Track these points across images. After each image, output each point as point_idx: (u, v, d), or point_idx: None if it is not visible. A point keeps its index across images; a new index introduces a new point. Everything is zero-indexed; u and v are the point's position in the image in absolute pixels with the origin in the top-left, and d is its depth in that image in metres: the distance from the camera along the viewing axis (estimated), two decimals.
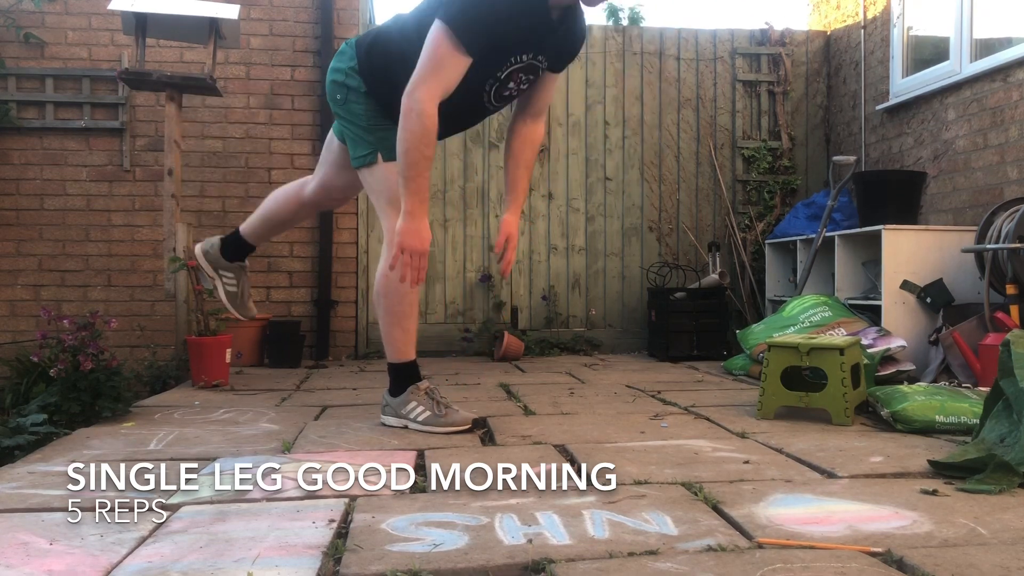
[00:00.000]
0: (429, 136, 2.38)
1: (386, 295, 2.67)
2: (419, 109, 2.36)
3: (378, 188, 2.67)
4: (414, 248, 2.46)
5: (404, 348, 2.73)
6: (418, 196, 2.44)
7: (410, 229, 2.45)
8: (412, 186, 2.43)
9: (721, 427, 2.71)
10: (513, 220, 2.68)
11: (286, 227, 3.36)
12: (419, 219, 2.45)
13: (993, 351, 3.04)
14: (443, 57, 2.37)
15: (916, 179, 4.46)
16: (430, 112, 2.37)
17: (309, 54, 5.24)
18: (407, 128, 2.38)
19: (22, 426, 2.65)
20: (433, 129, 2.39)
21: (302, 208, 3.10)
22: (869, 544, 1.51)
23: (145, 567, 1.43)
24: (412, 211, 2.44)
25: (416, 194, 2.43)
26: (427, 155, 2.40)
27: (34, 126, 5.05)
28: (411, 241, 2.45)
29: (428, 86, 2.37)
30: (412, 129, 2.38)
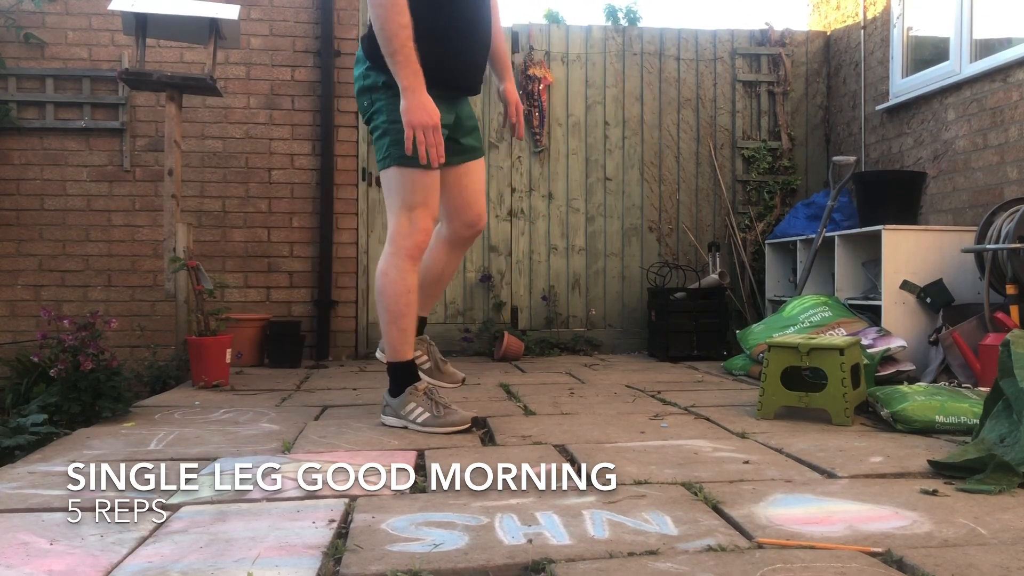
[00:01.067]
0: (399, 4, 2.41)
1: (384, 294, 2.68)
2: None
3: (394, 188, 2.68)
4: (424, 123, 2.44)
5: (401, 347, 2.73)
6: (409, 68, 2.43)
7: (413, 105, 2.44)
8: (399, 58, 2.42)
9: (721, 427, 2.71)
10: (511, 87, 2.80)
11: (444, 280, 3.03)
12: (419, 93, 2.44)
13: (993, 351, 3.04)
14: None
15: (916, 179, 4.46)
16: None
17: (309, 54, 5.24)
18: (374, 3, 2.42)
19: (22, 426, 2.65)
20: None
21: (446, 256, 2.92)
22: (869, 544, 1.51)
23: (145, 567, 1.43)
24: (410, 86, 2.43)
25: (407, 66, 2.43)
26: (402, 23, 2.41)
27: (34, 126, 5.05)
28: (419, 116, 2.44)
29: None
30: (378, 2, 2.42)
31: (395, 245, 2.66)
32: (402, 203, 2.65)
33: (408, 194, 2.65)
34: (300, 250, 5.24)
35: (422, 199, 2.66)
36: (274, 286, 5.21)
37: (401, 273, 2.65)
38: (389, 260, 2.66)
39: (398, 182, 2.65)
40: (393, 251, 2.66)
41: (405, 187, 2.64)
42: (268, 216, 5.20)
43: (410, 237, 2.65)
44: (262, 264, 5.20)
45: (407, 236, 2.65)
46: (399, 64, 2.43)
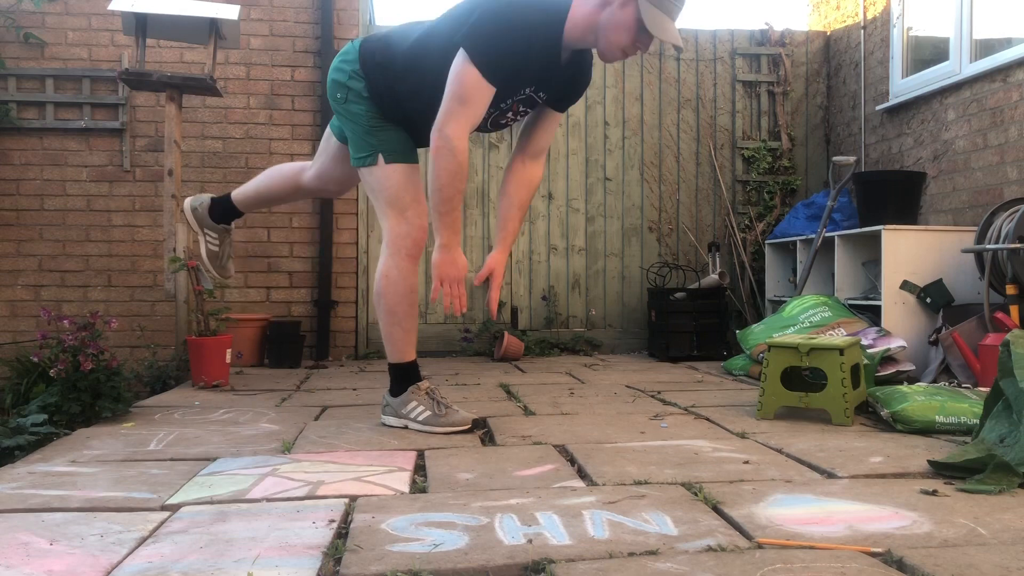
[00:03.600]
0: (462, 171, 2.44)
1: (386, 295, 2.67)
2: (451, 146, 2.41)
3: (378, 188, 2.67)
4: (452, 277, 2.53)
5: (404, 348, 2.73)
6: (451, 229, 2.51)
7: (446, 260, 2.52)
8: (447, 220, 2.49)
9: (721, 427, 2.71)
10: (501, 258, 2.69)
11: (277, 204, 3.42)
12: (454, 250, 2.53)
13: (993, 351, 3.04)
14: (470, 90, 2.40)
15: (916, 179, 4.46)
16: (462, 148, 2.41)
17: (309, 54, 5.24)
18: (441, 166, 2.42)
19: (22, 426, 2.65)
20: (465, 164, 2.44)
21: (297, 192, 3.15)
22: (869, 544, 1.51)
23: (145, 567, 1.42)
24: (447, 244, 2.51)
25: (450, 227, 2.51)
26: (460, 189, 2.46)
27: (34, 126, 5.05)
28: (448, 271, 2.53)
29: (457, 121, 2.41)
30: (446, 167, 2.42)
31: (394, 246, 2.65)
32: (393, 203, 2.64)
33: (397, 193, 2.64)
34: (300, 250, 5.24)
35: (412, 196, 2.66)
36: (274, 286, 5.21)
37: (403, 274, 2.65)
38: (389, 262, 2.66)
39: (387, 178, 2.64)
40: (392, 252, 2.66)
41: (393, 185, 2.63)
42: (268, 216, 5.20)
43: (408, 237, 2.65)
44: (262, 264, 5.20)
45: (405, 236, 2.65)
46: (444, 224, 2.50)
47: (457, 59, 2.41)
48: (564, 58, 2.52)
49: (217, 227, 3.29)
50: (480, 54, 2.37)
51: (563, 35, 2.46)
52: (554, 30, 2.44)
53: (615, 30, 2.41)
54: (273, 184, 3.14)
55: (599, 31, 2.43)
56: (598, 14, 2.41)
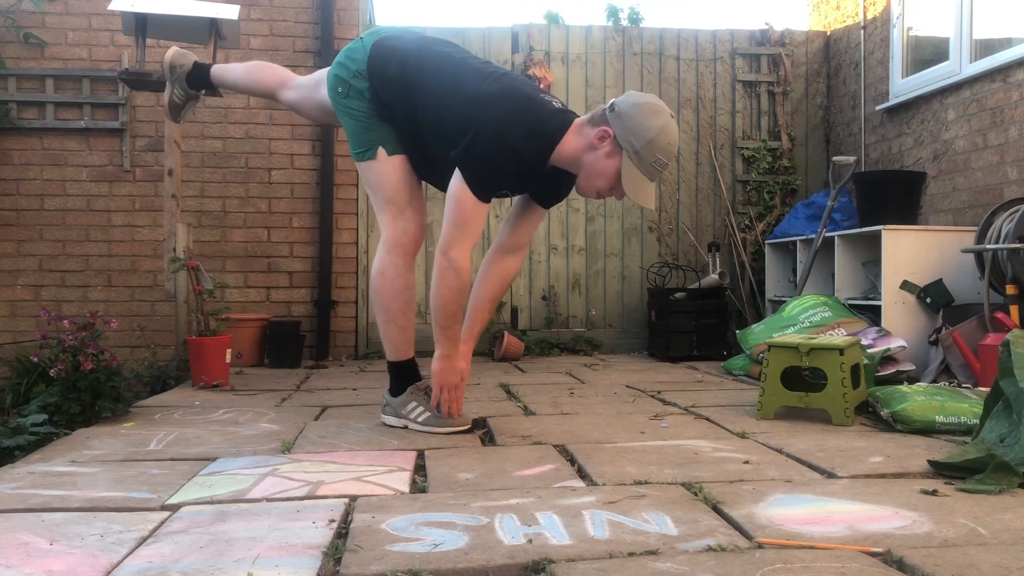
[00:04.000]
0: (466, 289, 2.56)
1: (380, 293, 2.67)
2: (456, 267, 2.50)
3: (376, 183, 2.67)
4: (451, 384, 2.65)
5: (401, 346, 2.73)
6: (453, 341, 2.63)
7: (446, 369, 2.64)
8: (449, 334, 2.61)
9: (721, 427, 2.71)
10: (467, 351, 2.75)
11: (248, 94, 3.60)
12: (454, 359, 2.65)
13: (993, 351, 3.04)
14: (468, 214, 2.50)
15: (916, 179, 4.46)
16: (465, 267, 2.52)
17: (309, 54, 5.24)
18: (445, 284, 2.52)
19: (22, 426, 2.65)
20: (468, 282, 2.56)
21: (270, 98, 3.18)
22: (869, 544, 1.51)
23: (145, 567, 1.42)
24: (448, 355, 2.64)
25: (452, 340, 2.62)
26: (463, 304, 2.58)
27: (34, 126, 5.05)
28: (448, 379, 2.65)
29: (460, 245, 2.51)
30: (450, 286, 2.52)
31: (390, 242, 2.66)
32: (391, 200, 2.65)
33: (396, 190, 2.64)
34: (300, 250, 5.24)
35: (409, 192, 2.67)
36: (274, 286, 5.21)
37: (398, 271, 2.65)
38: (386, 258, 2.66)
39: (385, 175, 2.64)
40: (388, 249, 2.66)
41: (392, 182, 2.63)
42: (268, 216, 5.20)
43: (406, 234, 2.66)
44: (262, 264, 5.20)
45: (403, 232, 2.66)
46: (446, 337, 2.61)
47: (454, 182, 2.50)
48: (549, 168, 2.59)
49: (188, 90, 3.29)
50: (475, 179, 2.47)
51: (552, 155, 2.53)
52: (544, 149, 2.52)
53: (596, 175, 2.49)
54: (252, 82, 3.16)
55: (581, 168, 2.51)
56: (584, 153, 2.49)
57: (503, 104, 2.45)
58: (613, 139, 2.43)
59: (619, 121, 2.43)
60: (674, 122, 2.47)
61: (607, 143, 2.44)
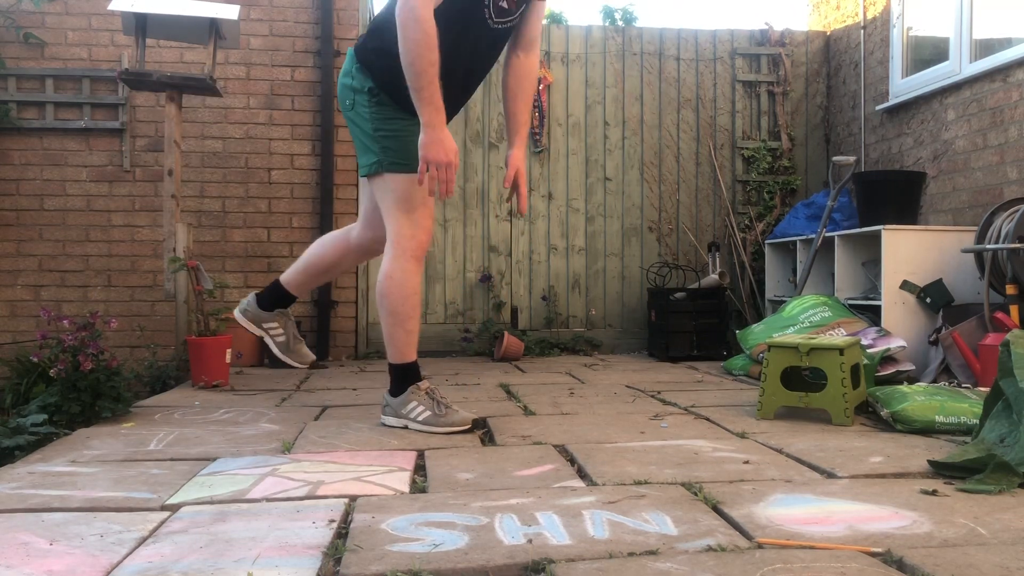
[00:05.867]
0: (430, 40, 2.37)
1: (388, 296, 2.67)
2: (416, 15, 2.36)
3: (385, 191, 2.68)
4: (439, 159, 2.45)
5: (406, 349, 2.73)
6: (432, 105, 2.43)
7: (432, 140, 2.44)
8: (425, 95, 2.42)
9: (721, 427, 2.71)
10: (520, 155, 2.68)
11: (331, 275, 3.27)
12: (439, 129, 2.44)
13: (993, 351, 3.04)
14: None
15: (916, 179, 4.46)
16: (426, 16, 2.36)
17: (309, 54, 5.24)
18: (408, 37, 2.37)
19: (22, 426, 2.65)
20: (433, 33, 2.37)
21: (348, 253, 3.05)
22: (869, 544, 1.51)
23: (145, 567, 1.42)
24: (431, 122, 2.44)
25: (430, 103, 2.43)
26: (432, 60, 2.38)
27: (34, 126, 5.05)
28: (435, 152, 2.45)
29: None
30: (413, 37, 2.37)
31: (399, 247, 2.65)
32: (401, 206, 2.66)
33: (405, 197, 2.65)
34: (300, 250, 5.17)
35: (420, 200, 2.67)
36: None
37: (406, 275, 2.65)
38: (393, 263, 2.66)
39: (393, 187, 2.66)
40: (397, 253, 2.66)
41: (401, 191, 2.65)
42: (268, 216, 5.20)
43: (414, 239, 2.66)
44: (262, 264, 5.20)
45: (411, 238, 2.65)
46: (423, 100, 2.43)
47: None
48: None
49: (272, 315, 3.19)
50: None
51: None
52: None
53: None
54: (322, 252, 3.05)
55: None
56: None
57: None
58: None
59: None
60: None
61: None
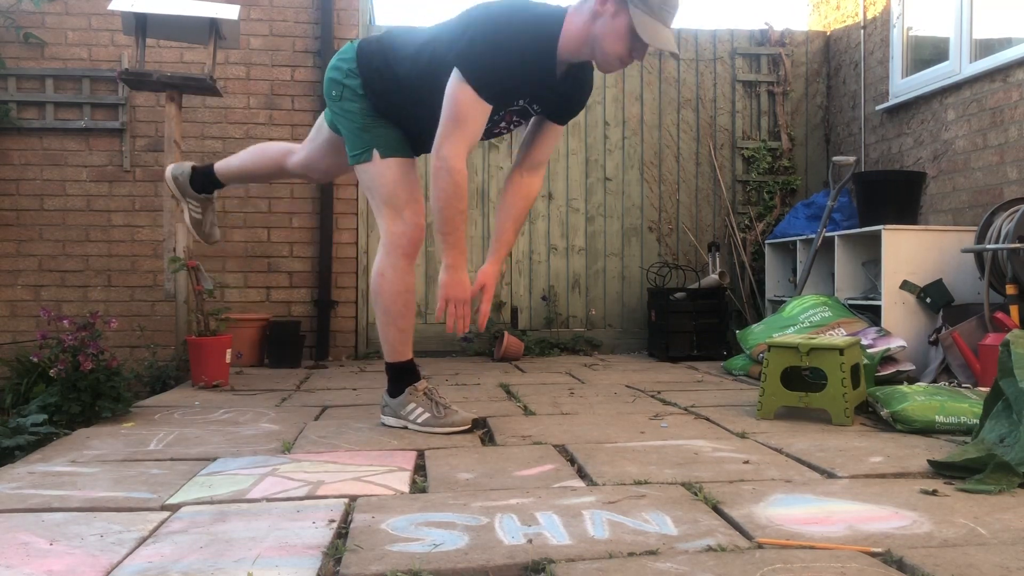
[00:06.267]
0: (461, 192, 2.43)
1: (380, 294, 2.67)
2: (448, 167, 2.41)
3: (374, 185, 2.67)
4: (458, 298, 2.54)
5: (400, 348, 2.73)
6: (457, 249, 2.52)
7: (453, 281, 2.53)
8: (451, 240, 2.50)
9: (721, 427, 2.71)
10: (493, 271, 2.68)
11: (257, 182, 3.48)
12: (460, 271, 2.54)
13: (993, 351, 3.04)
14: (465, 110, 2.40)
15: (916, 179, 4.46)
16: (459, 168, 2.42)
17: (309, 54, 5.24)
18: (439, 187, 2.43)
19: (22, 426, 2.65)
20: (464, 184, 2.44)
21: (280, 173, 3.19)
22: (869, 544, 1.51)
23: (145, 567, 1.42)
24: (454, 264, 2.53)
25: (455, 247, 2.51)
26: (461, 209, 2.46)
27: (34, 126, 5.05)
28: (455, 292, 2.54)
29: (454, 142, 2.41)
30: (444, 187, 2.43)
31: (390, 244, 2.65)
32: (389, 201, 2.64)
33: (393, 190, 2.63)
34: (300, 250, 5.24)
35: (408, 193, 2.65)
36: (274, 286, 5.21)
37: (398, 272, 2.65)
38: (385, 260, 2.66)
39: (381, 177, 2.64)
40: (388, 250, 2.65)
41: (389, 182, 2.63)
42: (268, 216, 5.20)
43: (405, 236, 2.65)
44: (262, 264, 5.20)
45: (401, 235, 2.65)
46: (448, 244, 2.51)
47: (452, 79, 2.41)
48: (560, 71, 2.52)
49: (199, 196, 3.31)
50: (474, 74, 2.38)
51: (558, 50, 2.46)
52: (548, 45, 2.45)
53: (610, 40, 2.41)
54: (257, 162, 3.17)
55: (594, 43, 2.43)
56: (591, 26, 2.42)
57: (493, 10, 2.42)
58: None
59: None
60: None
61: (609, 4, 2.38)
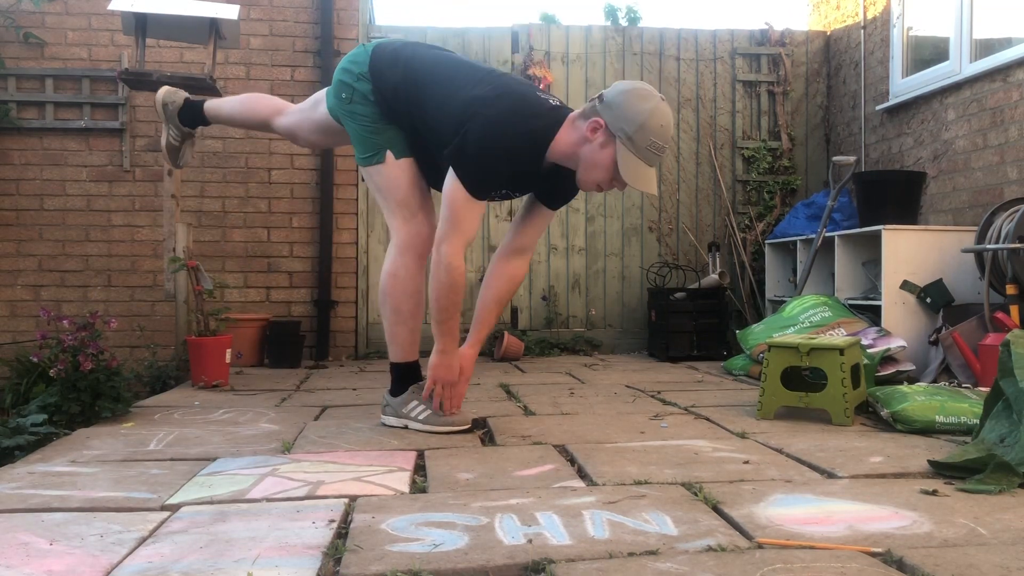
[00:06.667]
0: (458, 286, 2.55)
1: (391, 295, 2.67)
2: (447, 263, 2.51)
3: (386, 187, 2.67)
4: (446, 380, 2.66)
5: (408, 348, 2.73)
6: (450, 336, 2.64)
7: (443, 364, 2.65)
8: (444, 328, 2.62)
9: (721, 427, 2.71)
10: (471, 354, 2.76)
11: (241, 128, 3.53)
12: (451, 356, 2.66)
13: (993, 351, 3.04)
14: (461, 212, 2.50)
15: (916, 179, 4.46)
16: (457, 265, 2.52)
17: (309, 54, 5.24)
18: (439, 281, 2.53)
19: (22, 426, 2.65)
20: (462, 280, 2.56)
21: (265, 128, 3.19)
22: (869, 544, 1.51)
23: (145, 567, 1.42)
24: (446, 348, 2.64)
25: (448, 334, 2.63)
26: (457, 302, 2.57)
27: (34, 126, 5.05)
28: (444, 375, 2.66)
29: (451, 241, 2.51)
30: (444, 282, 2.53)
31: (403, 245, 2.65)
32: (403, 203, 2.65)
33: (408, 192, 2.64)
34: (300, 250, 5.24)
35: (420, 195, 2.67)
36: (274, 286, 5.21)
37: (410, 273, 2.65)
38: (397, 261, 2.66)
39: (396, 179, 2.64)
40: (401, 251, 2.65)
41: (403, 185, 2.64)
42: (268, 216, 5.20)
43: (418, 236, 2.66)
44: (262, 264, 5.20)
45: (415, 236, 2.65)
46: (444, 332, 2.63)
47: (448, 179, 2.51)
48: (546, 166, 2.58)
49: (182, 129, 3.32)
50: (468, 178, 2.47)
51: (546, 155, 2.53)
52: (538, 152, 2.52)
53: (593, 168, 2.47)
54: (247, 112, 3.17)
55: (579, 163, 2.50)
56: (580, 147, 2.48)
57: (496, 105, 2.46)
58: (605, 129, 2.41)
59: (609, 110, 2.42)
60: (665, 104, 2.43)
61: (600, 134, 2.42)
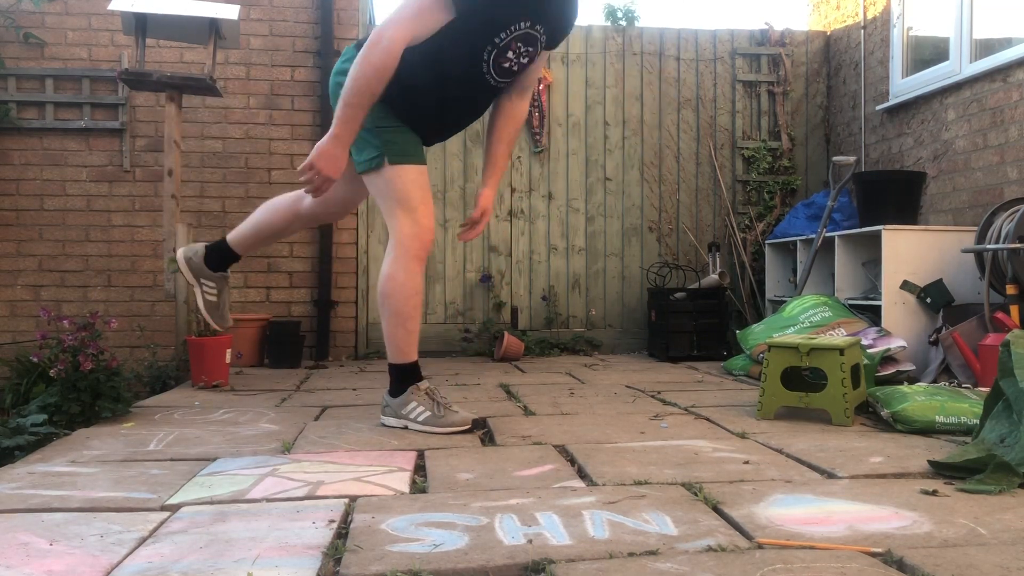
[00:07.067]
0: (385, 72, 2.45)
1: (391, 296, 2.66)
2: (385, 45, 2.43)
3: (386, 191, 2.67)
4: (327, 172, 2.54)
5: (407, 349, 2.73)
6: (352, 124, 2.51)
7: (330, 153, 2.53)
8: (349, 112, 2.50)
9: (721, 427, 2.71)
10: (490, 194, 2.81)
11: (276, 239, 3.36)
12: (342, 146, 2.54)
13: (993, 351, 3.04)
14: (425, 7, 2.45)
15: (916, 179, 4.46)
16: (395, 51, 2.44)
17: (309, 54, 5.24)
18: (369, 61, 2.44)
19: (22, 426, 2.65)
20: (391, 67, 2.45)
21: (296, 220, 3.11)
22: (869, 544, 1.51)
23: (145, 567, 1.42)
24: (339, 135, 2.52)
25: (349, 122, 2.51)
26: (375, 91, 2.47)
27: (34, 126, 5.05)
28: (327, 165, 2.53)
29: (401, 27, 2.45)
30: (374, 63, 2.44)
31: (401, 247, 2.65)
32: (402, 203, 2.65)
33: (406, 193, 2.64)
34: (300, 250, 5.24)
35: (420, 197, 2.66)
36: (274, 286, 5.21)
37: (409, 275, 2.64)
38: (396, 263, 2.65)
39: (395, 183, 2.65)
40: (400, 253, 2.65)
41: (402, 187, 2.64)
42: None
43: (417, 238, 2.65)
44: (262, 264, 5.20)
45: (414, 237, 2.65)
46: (346, 116, 2.50)
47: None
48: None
49: (215, 276, 3.23)
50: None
51: None
52: None
53: None
54: (270, 217, 3.11)
55: None
56: None
57: None
58: None
59: None
60: None
61: None
